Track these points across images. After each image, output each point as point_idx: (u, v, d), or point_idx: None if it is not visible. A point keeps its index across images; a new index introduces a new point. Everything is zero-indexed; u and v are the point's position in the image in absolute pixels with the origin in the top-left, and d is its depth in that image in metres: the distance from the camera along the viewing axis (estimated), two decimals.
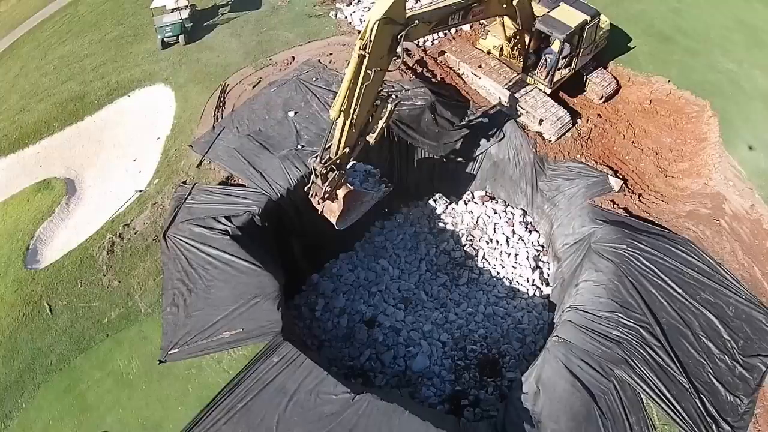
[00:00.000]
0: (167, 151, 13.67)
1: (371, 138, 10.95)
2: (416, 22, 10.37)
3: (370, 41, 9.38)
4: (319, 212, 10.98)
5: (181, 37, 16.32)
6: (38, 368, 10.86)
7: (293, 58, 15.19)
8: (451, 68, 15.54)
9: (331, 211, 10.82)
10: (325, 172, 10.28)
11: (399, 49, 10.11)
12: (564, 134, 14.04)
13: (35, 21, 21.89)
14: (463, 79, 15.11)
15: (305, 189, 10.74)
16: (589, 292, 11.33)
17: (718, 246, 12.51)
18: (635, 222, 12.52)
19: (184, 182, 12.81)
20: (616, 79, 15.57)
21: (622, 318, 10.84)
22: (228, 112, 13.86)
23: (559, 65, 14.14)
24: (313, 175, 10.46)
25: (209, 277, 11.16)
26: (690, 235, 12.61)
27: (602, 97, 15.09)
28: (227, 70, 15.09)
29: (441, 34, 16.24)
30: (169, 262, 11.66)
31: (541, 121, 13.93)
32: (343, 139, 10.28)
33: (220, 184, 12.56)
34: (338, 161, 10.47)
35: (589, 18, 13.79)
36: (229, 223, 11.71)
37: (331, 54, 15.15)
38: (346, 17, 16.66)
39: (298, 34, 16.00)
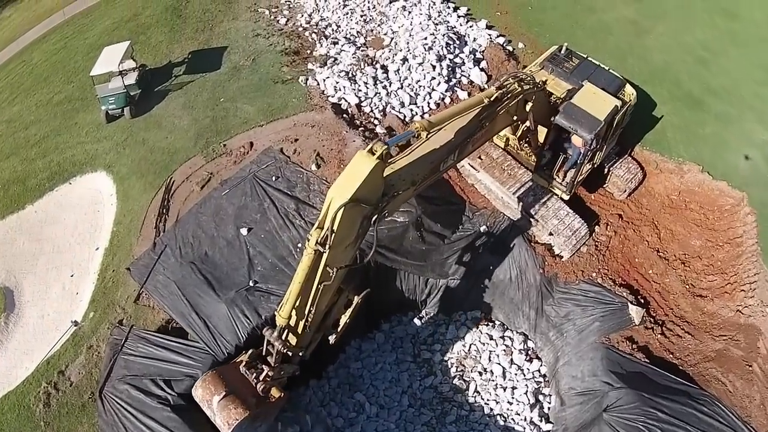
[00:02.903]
0: (104, 271, 10.54)
1: (332, 338, 7.95)
2: (397, 191, 6.73)
3: (331, 232, 6.22)
4: (221, 397, 7.05)
5: (127, 110, 12.55)
6: None
7: (251, 144, 11.43)
8: None
9: (243, 406, 7.18)
10: (284, 351, 7.17)
11: (374, 228, 6.57)
12: (579, 249, 10.50)
13: None
14: (458, 171, 11.30)
15: (243, 364, 7.39)
16: None
17: (747, 400, 9.45)
18: (656, 375, 9.38)
19: (121, 322, 9.81)
20: (641, 166, 11.69)
21: None
22: (172, 223, 10.46)
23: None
24: (263, 348, 7.27)
25: None
26: (718, 388, 9.52)
27: (625, 191, 11.32)
28: (174, 158, 11.53)
29: (432, 106, 12.25)
30: (108, 429, 8.88)
31: (552, 233, 10.41)
32: (296, 341, 7.34)
33: (159, 329, 9.54)
34: (291, 354, 7.54)
35: (619, 104, 9.81)
36: (169, 390, 8.80)
37: (296, 140, 11.37)
38: (317, 84, 12.53)
39: (259, 109, 12.10)
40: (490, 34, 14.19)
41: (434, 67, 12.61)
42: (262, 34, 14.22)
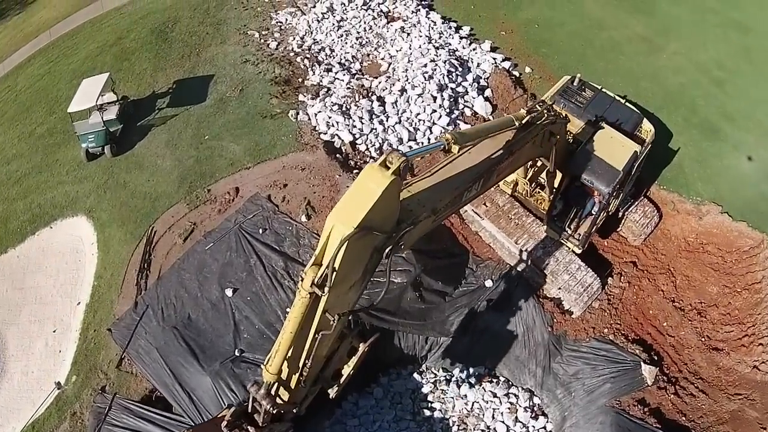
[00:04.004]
0: (86, 330, 9.51)
1: (332, 391, 6.43)
2: (417, 219, 5.27)
3: (332, 271, 4.65)
4: None
5: (107, 148, 11.25)
6: None
7: (237, 190, 10.11)
8: None
9: None
10: (273, 411, 5.72)
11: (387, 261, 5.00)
12: (590, 304, 9.31)
13: None
14: (461, 217, 9.98)
15: (225, 424, 5.84)
16: None
17: None
18: None
19: (103, 388, 8.81)
20: (658, 208, 10.37)
21: None
22: (153, 280, 9.33)
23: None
24: (249, 404, 5.81)
25: None
26: None
27: (641, 236, 10.05)
28: (156, 205, 10.28)
29: (433, 141, 10.88)
30: None
31: (562, 289, 9.17)
32: (289, 396, 5.93)
33: (143, 399, 8.53)
34: (282, 411, 6.14)
35: (639, 149, 8.47)
36: None
37: (285, 185, 10.04)
38: (309, 119, 11.09)
39: (246, 148, 10.72)
40: (494, 58, 12.64)
41: (435, 99, 11.14)
42: (251, 60, 12.71)
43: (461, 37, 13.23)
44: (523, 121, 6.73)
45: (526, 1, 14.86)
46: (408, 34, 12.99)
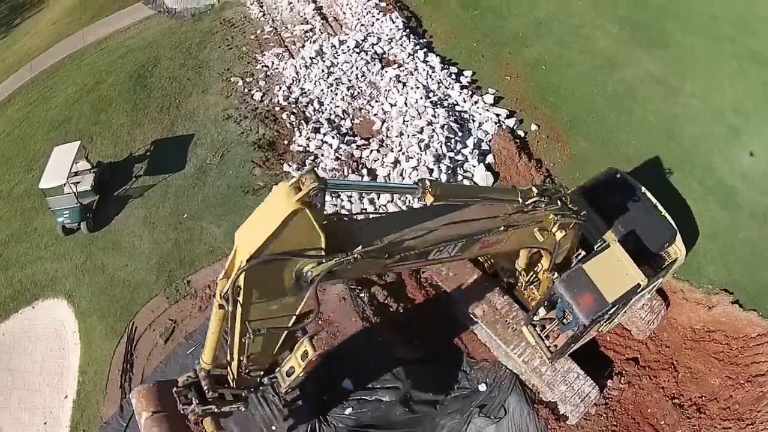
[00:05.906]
0: (75, 428, 8.53)
1: (284, 385, 5.32)
2: (362, 253, 4.10)
3: (233, 290, 3.92)
4: (149, 414, 5.16)
5: (84, 224, 9.90)
6: None
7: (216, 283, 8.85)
8: (436, 292, 8.79)
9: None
10: (211, 393, 5.00)
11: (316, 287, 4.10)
12: (587, 410, 8.18)
13: None
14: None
15: (174, 389, 5.14)
16: None
17: None
18: None
19: None
20: (665, 297, 9.00)
21: None
22: (137, 382, 8.22)
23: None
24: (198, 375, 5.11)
25: None
26: None
27: (646, 331, 8.71)
28: (135, 296, 9.04)
29: None
30: None
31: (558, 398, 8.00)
32: (234, 380, 5.11)
33: None
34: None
35: (644, 281, 6.69)
36: None
37: None
38: None
39: (227, 232, 9.22)
40: (498, 114, 10.65)
41: (431, 171, 9.41)
42: (233, 116, 10.91)
43: (462, 87, 11.16)
44: (527, 202, 5.31)
45: (532, 35, 12.62)
46: (404, 84, 10.92)
